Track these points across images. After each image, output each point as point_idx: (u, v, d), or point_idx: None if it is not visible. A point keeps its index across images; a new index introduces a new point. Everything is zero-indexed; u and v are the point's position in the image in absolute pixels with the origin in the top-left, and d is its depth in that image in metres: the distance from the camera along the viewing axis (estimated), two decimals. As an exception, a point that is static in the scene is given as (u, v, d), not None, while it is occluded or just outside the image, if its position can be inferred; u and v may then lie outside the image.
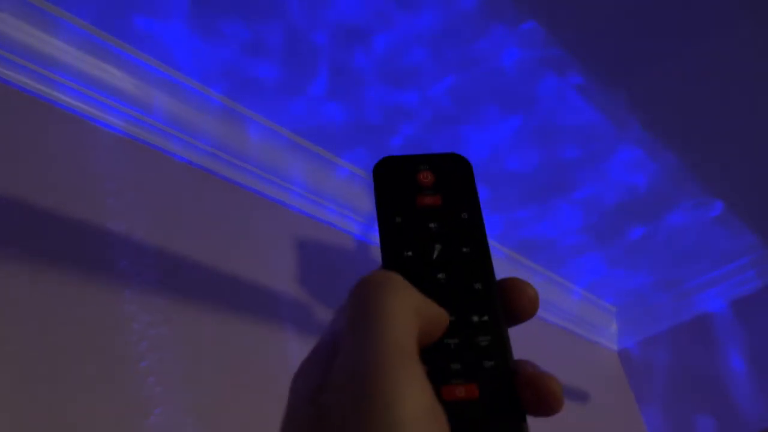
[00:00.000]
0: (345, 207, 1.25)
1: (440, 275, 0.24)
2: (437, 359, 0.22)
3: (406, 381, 0.18)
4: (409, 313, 0.20)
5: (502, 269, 1.57)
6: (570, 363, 1.68)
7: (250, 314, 0.97)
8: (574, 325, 1.79)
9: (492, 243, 1.53)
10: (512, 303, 0.24)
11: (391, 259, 0.25)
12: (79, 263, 0.82)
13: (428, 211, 0.26)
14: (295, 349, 1.00)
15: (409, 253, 0.25)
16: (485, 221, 0.27)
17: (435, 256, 0.25)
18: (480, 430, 0.21)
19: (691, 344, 1.77)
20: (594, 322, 1.86)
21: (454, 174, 0.27)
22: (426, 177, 0.27)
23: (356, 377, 0.18)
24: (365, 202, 1.28)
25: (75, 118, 0.93)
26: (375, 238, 1.30)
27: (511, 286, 0.25)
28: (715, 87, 1.10)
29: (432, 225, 0.26)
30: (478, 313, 0.23)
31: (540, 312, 1.69)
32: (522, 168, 1.29)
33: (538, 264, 1.65)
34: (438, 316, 0.22)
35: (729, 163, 1.30)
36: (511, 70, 1.05)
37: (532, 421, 0.22)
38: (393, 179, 0.27)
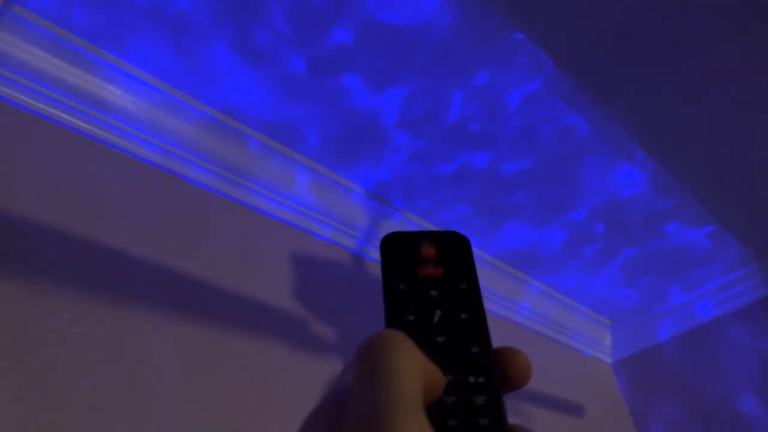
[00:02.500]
0: (342, 222, 1.26)
1: (440, 338, 0.26)
2: (435, 415, 0.23)
3: (419, 429, 0.19)
4: (415, 369, 0.21)
5: (497, 281, 1.58)
6: (564, 376, 1.68)
7: (248, 328, 0.98)
8: (568, 338, 1.80)
9: (487, 257, 1.54)
10: (506, 370, 0.26)
11: (394, 322, 0.26)
12: (79, 278, 0.82)
13: (430, 280, 0.28)
14: (292, 363, 1.00)
15: (411, 317, 0.26)
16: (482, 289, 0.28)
17: (435, 320, 0.26)
18: None
19: (684, 357, 1.79)
20: (588, 335, 1.87)
21: (454, 249, 0.30)
22: (428, 251, 0.29)
23: (367, 425, 0.19)
24: (363, 217, 1.29)
25: (84, 140, 0.93)
26: (371, 252, 1.31)
27: (505, 353, 0.26)
28: (709, 104, 1.12)
29: (433, 293, 0.27)
30: (475, 374, 0.25)
31: (535, 325, 1.70)
32: (515, 180, 1.31)
33: (532, 277, 1.67)
34: (438, 379, 0.23)
35: (723, 177, 1.32)
36: (510, 90, 1.07)
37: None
38: (398, 252, 0.29)
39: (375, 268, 1.30)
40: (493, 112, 1.12)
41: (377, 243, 1.31)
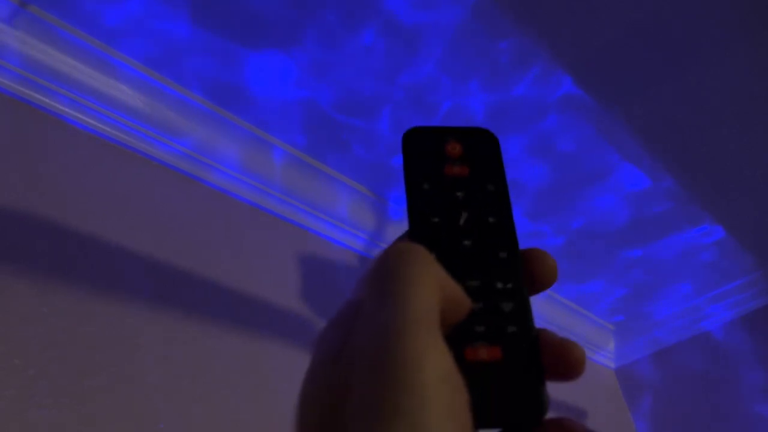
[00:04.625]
0: (349, 223, 1.26)
1: (466, 242, 0.25)
2: (461, 321, 0.22)
3: (429, 345, 0.18)
4: (432, 283, 0.20)
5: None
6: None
7: (252, 329, 0.98)
8: (572, 343, 1.80)
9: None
10: (534, 272, 0.25)
11: (418, 224, 0.25)
12: (85, 279, 0.83)
13: (456, 180, 0.27)
14: (297, 364, 1.01)
15: (436, 219, 0.25)
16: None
17: (462, 223, 0.25)
18: (500, 392, 0.21)
19: (688, 363, 1.78)
20: (592, 339, 1.86)
21: (481, 147, 0.28)
22: (454, 148, 0.28)
23: (379, 338, 0.18)
24: (370, 218, 1.29)
25: (95, 138, 0.94)
26: (375, 253, 1.31)
27: (533, 255, 0.25)
28: (714, 111, 1.12)
29: (459, 194, 0.26)
30: (503, 280, 0.24)
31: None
32: (519, 185, 1.31)
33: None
34: (461, 298, 0.22)
35: (729, 184, 1.32)
36: (516, 92, 1.07)
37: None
38: (422, 148, 0.27)
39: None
40: (494, 115, 1.12)
41: (382, 244, 1.31)
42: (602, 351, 1.91)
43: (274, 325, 1.02)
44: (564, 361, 0.22)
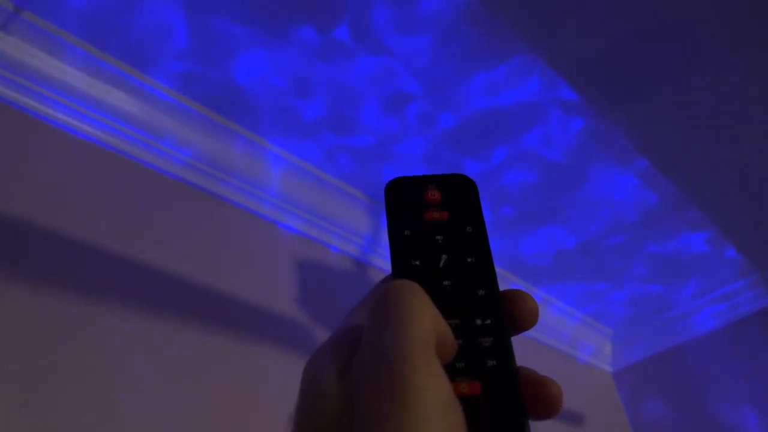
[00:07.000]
0: (344, 228, 1.26)
1: (446, 282, 0.26)
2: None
3: (429, 370, 0.19)
4: (429, 316, 0.21)
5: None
6: (564, 384, 1.67)
7: (248, 334, 0.98)
8: (569, 347, 1.80)
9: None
10: (514, 312, 0.25)
11: (400, 268, 0.26)
12: (79, 284, 0.83)
13: (435, 225, 0.28)
14: (292, 369, 1.00)
15: (417, 263, 0.26)
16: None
17: (441, 264, 0.26)
18: (483, 425, 0.22)
19: (684, 367, 1.79)
20: (589, 344, 1.87)
21: (459, 192, 0.29)
22: (433, 195, 0.29)
23: (379, 364, 0.19)
24: (365, 224, 1.29)
25: (88, 144, 0.94)
26: (374, 259, 1.32)
27: (513, 296, 0.26)
28: (711, 115, 1.13)
29: (438, 237, 0.27)
30: (482, 316, 0.25)
31: (535, 333, 1.70)
32: (517, 190, 1.31)
33: (533, 285, 1.67)
34: (450, 339, 0.22)
35: (724, 188, 1.32)
36: (510, 96, 1.08)
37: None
38: (402, 197, 0.29)
39: (377, 275, 1.31)
40: (494, 120, 1.13)
41: (380, 250, 1.32)
42: (599, 354, 1.91)
43: (271, 329, 1.02)
44: (541, 398, 0.23)
